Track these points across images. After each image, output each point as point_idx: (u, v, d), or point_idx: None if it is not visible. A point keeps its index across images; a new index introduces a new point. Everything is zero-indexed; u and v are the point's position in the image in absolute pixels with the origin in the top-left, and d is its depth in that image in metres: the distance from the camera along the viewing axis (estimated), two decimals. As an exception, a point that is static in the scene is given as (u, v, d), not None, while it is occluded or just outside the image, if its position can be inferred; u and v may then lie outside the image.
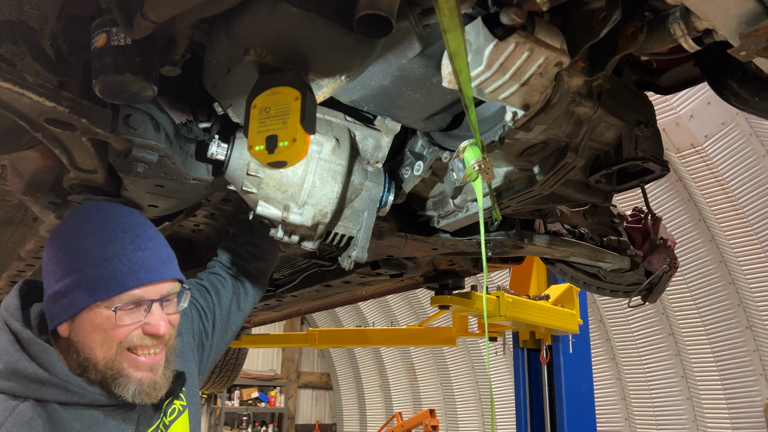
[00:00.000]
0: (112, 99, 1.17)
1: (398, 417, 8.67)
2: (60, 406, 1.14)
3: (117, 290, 1.14)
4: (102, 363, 1.15)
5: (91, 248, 1.15)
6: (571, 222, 2.44)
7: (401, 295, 10.49)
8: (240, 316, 1.66)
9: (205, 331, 1.55)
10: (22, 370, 1.12)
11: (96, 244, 1.16)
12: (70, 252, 1.17)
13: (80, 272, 1.14)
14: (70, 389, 1.14)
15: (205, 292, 1.60)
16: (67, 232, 1.21)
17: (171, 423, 1.31)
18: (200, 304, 1.56)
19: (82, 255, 1.15)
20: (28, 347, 1.14)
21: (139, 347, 1.17)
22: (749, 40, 0.89)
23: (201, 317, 1.55)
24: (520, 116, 1.20)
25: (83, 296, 1.13)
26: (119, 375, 1.16)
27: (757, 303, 6.39)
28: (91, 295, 1.13)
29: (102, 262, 1.14)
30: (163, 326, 1.18)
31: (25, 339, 1.15)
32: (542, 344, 4.96)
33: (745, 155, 5.83)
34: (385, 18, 0.95)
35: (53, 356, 1.14)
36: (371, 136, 1.50)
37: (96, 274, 1.13)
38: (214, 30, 1.15)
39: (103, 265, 1.14)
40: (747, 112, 1.50)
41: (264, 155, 1.06)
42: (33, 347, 1.14)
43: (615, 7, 1.03)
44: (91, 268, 1.14)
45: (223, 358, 5.41)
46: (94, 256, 1.15)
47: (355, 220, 1.46)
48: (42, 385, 1.12)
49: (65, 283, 1.14)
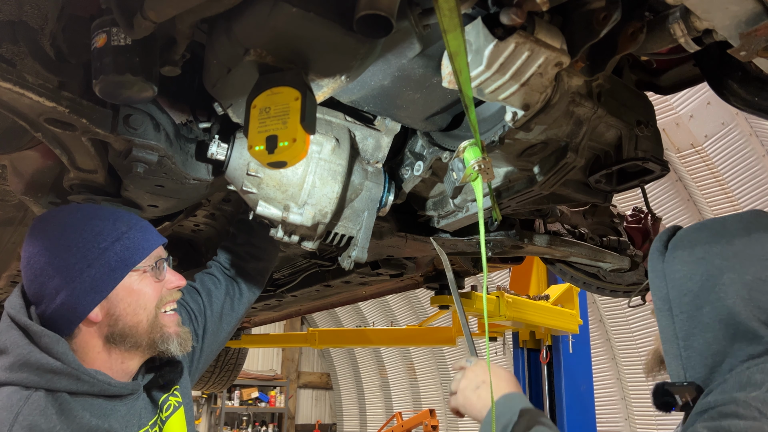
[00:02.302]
0: (112, 99, 1.18)
1: (398, 417, 8.67)
2: (70, 395, 1.17)
3: (144, 253, 1.26)
4: (147, 326, 1.26)
5: (101, 230, 1.23)
6: (571, 222, 2.44)
7: (401, 295, 10.48)
8: (234, 316, 1.66)
9: (195, 334, 1.55)
10: (34, 362, 1.14)
11: (105, 226, 1.24)
12: (80, 241, 1.21)
13: (104, 252, 1.21)
14: (81, 378, 1.17)
15: (195, 294, 1.60)
16: (59, 233, 1.23)
17: (167, 418, 1.34)
18: (190, 307, 1.57)
19: (97, 238, 1.22)
20: (38, 339, 1.17)
21: (168, 303, 1.31)
22: (749, 40, 0.89)
23: (191, 319, 1.56)
24: (520, 116, 1.20)
25: (117, 269, 1.22)
26: (163, 333, 1.28)
27: (757, 303, 6.38)
28: (125, 265, 1.23)
29: (120, 236, 1.24)
30: (182, 278, 1.34)
31: (35, 332, 1.17)
32: (542, 344, 4.96)
33: (745, 155, 5.83)
34: (385, 18, 0.95)
35: (65, 346, 1.18)
36: (371, 136, 1.50)
37: (121, 246, 1.23)
38: (214, 30, 1.15)
39: (124, 238, 1.24)
40: (747, 112, 1.50)
41: (264, 155, 1.06)
42: (44, 339, 1.17)
43: (615, 7, 1.03)
44: (114, 244, 1.23)
45: (223, 358, 5.41)
46: (109, 234, 1.23)
47: (355, 220, 1.46)
48: (54, 375, 1.15)
49: (92, 268, 1.20)
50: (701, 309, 1.09)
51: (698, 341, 1.09)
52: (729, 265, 1.08)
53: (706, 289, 1.09)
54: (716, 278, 1.08)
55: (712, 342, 1.07)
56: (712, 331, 1.07)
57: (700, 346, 1.08)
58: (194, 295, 1.60)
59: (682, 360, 1.11)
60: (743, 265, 1.07)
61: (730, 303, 1.05)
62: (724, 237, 1.12)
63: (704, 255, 1.12)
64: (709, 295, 1.08)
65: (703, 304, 1.09)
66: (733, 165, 5.94)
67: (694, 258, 1.12)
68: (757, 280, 1.05)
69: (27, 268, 1.23)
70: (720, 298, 1.07)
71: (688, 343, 1.10)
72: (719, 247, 1.11)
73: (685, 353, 1.11)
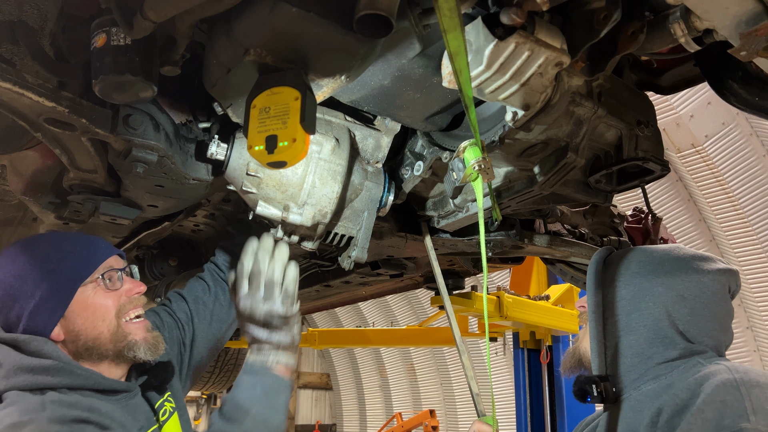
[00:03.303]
0: (111, 99, 1.17)
1: (398, 417, 8.68)
2: (69, 390, 1.19)
3: (93, 266, 1.27)
4: (109, 337, 1.26)
5: (48, 253, 1.26)
6: (571, 222, 2.44)
7: (401, 295, 10.49)
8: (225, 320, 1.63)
9: (183, 343, 1.55)
10: (27, 364, 1.17)
11: (50, 248, 1.28)
12: (29, 267, 1.24)
13: (52, 273, 1.23)
14: (75, 372, 1.20)
15: (182, 303, 1.59)
16: (11, 263, 1.26)
17: (164, 423, 1.35)
18: (177, 316, 1.56)
19: (45, 260, 1.25)
20: (26, 347, 1.19)
21: (130, 311, 1.30)
22: (749, 40, 0.89)
23: (178, 327, 1.55)
24: (520, 116, 1.20)
25: (68, 287, 1.24)
26: (127, 341, 1.27)
27: (757, 303, 6.39)
28: (74, 282, 1.24)
29: (66, 255, 1.26)
30: (142, 284, 1.33)
31: (23, 340, 1.19)
32: (542, 344, 4.96)
33: (745, 155, 5.83)
34: (385, 18, 0.95)
35: (53, 346, 1.21)
36: (371, 136, 1.50)
37: (68, 265, 1.25)
38: (214, 30, 1.15)
39: (69, 257, 1.26)
40: (747, 112, 1.50)
41: (264, 155, 1.06)
42: (32, 344, 1.19)
43: (615, 7, 1.03)
44: (61, 263, 1.24)
45: (223, 358, 5.43)
46: (55, 255, 1.25)
47: (355, 220, 1.46)
48: (48, 373, 1.17)
49: (42, 290, 1.22)
50: (630, 315, 1.26)
51: (623, 342, 1.26)
52: (659, 281, 1.26)
53: (637, 298, 1.26)
54: (647, 290, 1.26)
55: (634, 344, 1.25)
56: (636, 335, 1.25)
57: (623, 347, 1.26)
58: (180, 303, 1.59)
59: (607, 358, 1.27)
60: (671, 282, 1.25)
61: (656, 312, 1.23)
62: (657, 259, 1.30)
63: (639, 270, 1.30)
64: (639, 303, 1.26)
65: (632, 311, 1.26)
66: (733, 165, 5.95)
67: (630, 272, 1.30)
68: (680, 297, 1.23)
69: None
70: (648, 306, 1.25)
71: (612, 342, 1.27)
72: (653, 266, 1.29)
73: (610, 352, 1.28)
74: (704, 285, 1.25)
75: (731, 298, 1.28)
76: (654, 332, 1.23)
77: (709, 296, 1.24)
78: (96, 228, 1.87)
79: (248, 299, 1.29)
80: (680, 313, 1.23)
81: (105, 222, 1.72)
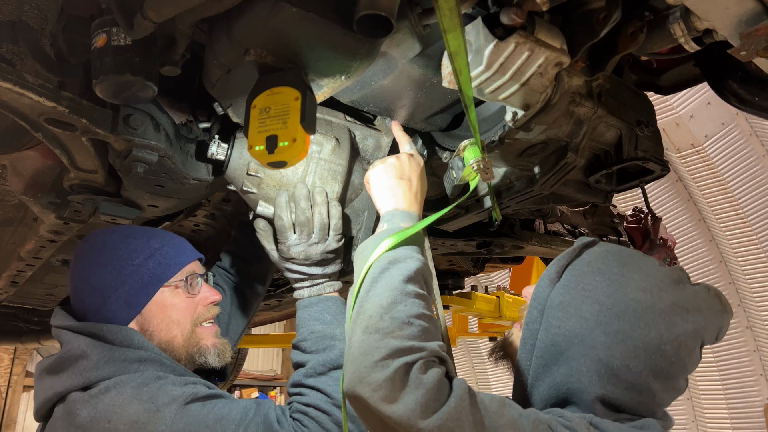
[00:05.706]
0: (112, 99, 1.17)
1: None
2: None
3: (176, 269, 1.30)
4: (183, 342, 1.29)
5: (135, 248, 1.27)
6: (571, 222, 2.44)
7: (401, 295, 10.46)
8: (242, 323, 1.68)
9: None
10: (119, 355, 1.17)
11: (138, 244, 1.28)
12: (115, 259, 1.25)
13: (137, 268, 1.25)
14: (163, 362, 1.21)
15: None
16: (97, 252, 1.27)
17: None
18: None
19: (131, 255, 1.26)
20: (114, 337, 1.19)
21: (206, 320, 1.33)
22: (749, 40, 0.89)
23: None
24: (520, 116, 1.20)
25: (150, 285, 1.26)
26: (199, 347, 1.31)
27: (757, 303, 6.39)
28: (158, 281, 1.27)
29: (153, 252, 1.28)
30: (218, 293, 1.37)
31: (110, 330, 1.20)
32: (542, 344, 4.95)
33: (745, 155, 5.83)
34: (385, 18, 0.95)
35: (142, 337, 1.23)
36: (371, 136, 1.50)
37: (154, 262, 1.27)
38: (214, 30, 1.15)
39: (156, 254, 1.28)
40: (747, 112, 1.50)
41: (264, 155, 1.06)
42: (122, 333, 1.20)
43: (615, 7, 1.03)
44: (148, 260, 1.27)
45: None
46: (142, 251, 1.28)
47: (355, 220, 1.46)
48: (140, 364, 1.18)
49: (125, 284, 1.23)
50: (569, 320, 1.11)
51: (541, 342, 1.13)
52: (601, 330, 1.08)
53: (577, 300, 1.10)
54: (585, 334, 1.09)
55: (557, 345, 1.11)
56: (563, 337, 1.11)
57: (543, 345, 1.12)
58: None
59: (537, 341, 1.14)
60: (615, 344, 1.06)
61: (580, 364, 1.08)
62: (620, 302, 1.10)
63: (591, 304, 1.12)
64: (571, 340, 1.10)
65: (570, 316, 1.11)
66: (733, 165, 5.94)
67: (584, 295, 1.12)
68: (614, 367, 1.05)
69: (72, 288, 1.28)
70: (575, 355, 1.08)
71: (531, 332, 1.14)
72: (609, 308, 1.10)
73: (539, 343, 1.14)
74: (655, 360, 1.04)
75: (714, 342, 1.10)
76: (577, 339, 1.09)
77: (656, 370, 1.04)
78: (96, 228, 1.87)
79: (300, 245, 1.31)
80: (610, 324, 1.06)
81: (105, 222, 1.72)
